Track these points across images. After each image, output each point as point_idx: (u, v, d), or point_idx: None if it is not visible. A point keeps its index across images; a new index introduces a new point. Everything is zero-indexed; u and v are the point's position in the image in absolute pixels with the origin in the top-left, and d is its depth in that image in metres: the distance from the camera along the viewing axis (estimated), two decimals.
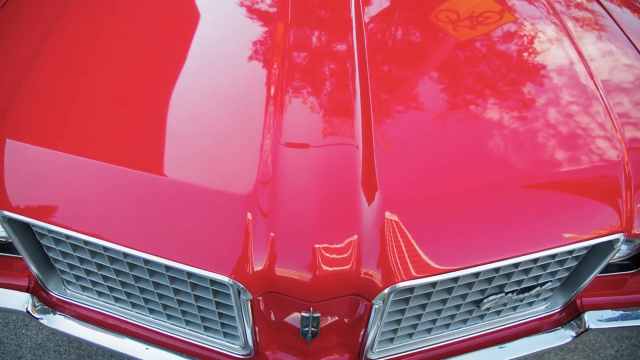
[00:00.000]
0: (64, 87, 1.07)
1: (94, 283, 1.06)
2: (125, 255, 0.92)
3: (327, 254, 0.85)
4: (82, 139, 0.96)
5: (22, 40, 1.19)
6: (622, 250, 1.12)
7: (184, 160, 0.93)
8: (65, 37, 1.18)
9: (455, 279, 0.94)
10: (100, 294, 1.09)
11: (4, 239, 1.12)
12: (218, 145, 0.97)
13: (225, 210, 0.88)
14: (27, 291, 1.11)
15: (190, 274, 0.91)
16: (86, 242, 0.94)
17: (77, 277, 1.07)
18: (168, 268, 0.92)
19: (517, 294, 1.04)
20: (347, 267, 0.86)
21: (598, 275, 1.08)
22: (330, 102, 1.03)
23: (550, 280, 1.05)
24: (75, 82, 1.08)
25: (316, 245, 0.85)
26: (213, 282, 0.91)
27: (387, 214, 0.88)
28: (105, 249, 0.93)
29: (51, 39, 1.17)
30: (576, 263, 1.05)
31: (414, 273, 0.87)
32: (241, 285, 0.85)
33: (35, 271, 1.07)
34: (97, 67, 1.12)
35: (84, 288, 1.10)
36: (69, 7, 1.26)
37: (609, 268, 1.17)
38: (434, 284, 0.93)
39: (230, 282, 0.85)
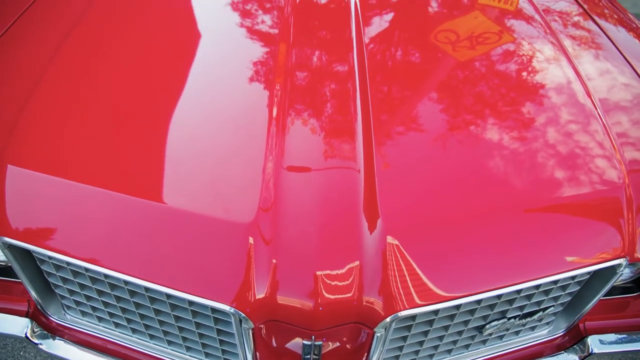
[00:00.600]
0: (66, 113, 1.07)
1: (94, 308, 1.06)
2: (126, 282, 0.92)
3: (329, 282, 0.85)
4: (83, 165, 0.96)
5: (24, 67, 1.19)
6: (625, 274, 1.12)
7: (185, 186, 0.93)
8: (66, 64, 1.19)
9: (458, 306, 0.93)
10: (100, 319, 1.09)
11: (3, 263, 1.11)
12: (220, 169, 0.97)
13: (227, 239, 0.87)
14: (26, 316, 1.10)
15: (191, 302, 0.91)
16: (87, 269, 0.93)
17: (78, 303, 1.07)
18: (169, 296, 0.91)
19: (519, 319, 1.04)
20: (349, 295, 0.85)
21: (601, 298, 1.08)
22: (332, 124, 1.04)
23: (553, 305, 1.05)
24: (77, 108, 1.08)
25: (318, 273, 0.85)
26: (214, 310, 0.90)
27: (389, 241, 0.88)
28: (106, 276, 0.92)
29: (53, 65, 1.17)
30: (579, 287, 1.04)
31: (416, 301, 0.87)
32: (243, 315, 0.85)
33: (35, 296, 1.06)
34: (99, 93, 1.12)
35: (84, 313, 1.10)
36: (70, 35, 1.27)
37: (612, 291, 1.16)
38: (436, 312, 0.92)
39: (232, 311, 0.85)
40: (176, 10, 1.48)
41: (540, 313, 1.04)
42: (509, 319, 1.02)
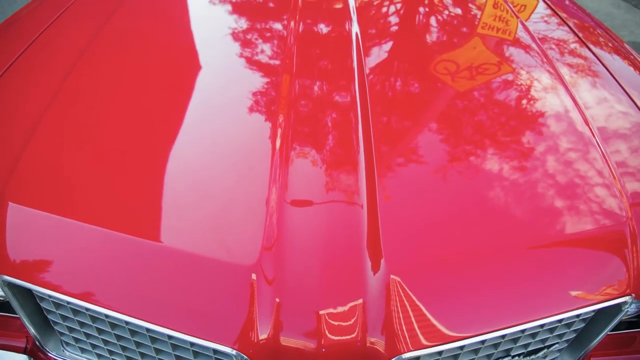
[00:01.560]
0: (68, 151, 1.07)
1: (93, 346, 1.04)
2: (127, 322, 0.91)
3: (333, 322, 0.84)
4: (85, 204, 0.96)
5: (26, 105, 1.20)
6: (631, 309, 1.11)
7: (187, 224, 0.93)
8: (68, 102, 1.20)
9: (462, 347, 0.92)
10: (99, 356, 1.07)
11: (1, 298, 1.10)
12: (223, 205, 0.96)
13: (230, 279, 0.87)
14: (24, 352, 1.09)
15: (193, 343, 0.89)
16: (87, 308, 0.92)
17: (77, 340, 1.05)
18: (171, 336, 0.90)
19: (523, 357, 1.02)
20: (352, 335, 0.84)
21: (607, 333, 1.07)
22: (334, 157, 1.04)
23: (557, 342, 1.04)
24: (78, 145, 1.08)
25: (321, 312, 0.84)
26: (216, 351, 0.89)
27: (392, 281, 0.87)
28: (107, 315, 0.91)
29: (55, 103, 1.18)
30: (584, 325, 1.03)
31: (420, 342, 0.86)
32: (245, 357, 0.84)
33: (34, 332, 1.05)
34: (100, 130, 1.12)
35: (83, 350, 1.08)
36: (71, 73, 1.28)
37: (618, 326, 1.15)
38: (439, 352, 0.91)
39: (234, 353, 0.84)
40: (178, 43, 1.49)
41: (545, 350, 1.03)
42: (513, 357, 1.01)
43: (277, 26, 1.58)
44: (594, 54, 1.57)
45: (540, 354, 1.03)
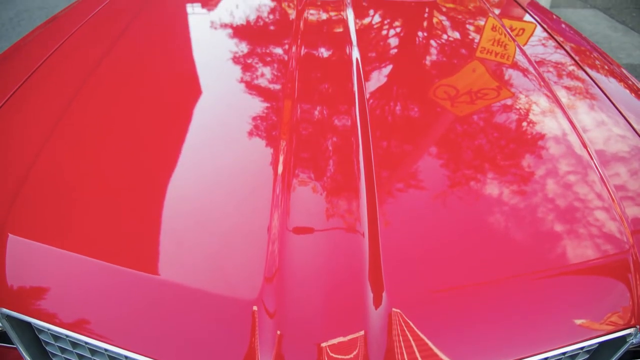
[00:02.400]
0: (67, 184, 1.07)
1: None
2: (126, 357, 0.90)
3: (334, 354, 0.83)
4: (85, 237, 0.96)
5: (26, 135, 1.20)
6: (636, 340, 1.10)
7: (188, 257, 0.92)
8: (68, 133, 1.20)
9: None
10: None
11: None
12: (223, 235, 0.96)
13: (230, 312, 0.86)
14: None
15: None
16: (86, 342, 0.91)
17: None
18: None
19: None
20: None
21: None
22: (335, 183, 1.04)
23: None
24: (78, 178, 1.08)
25: (323, 344, 0.83)
26: None
27: (394, 314, 0.87)
28: (106, 349, 0.90)
29: (55, 133, 1.18)
30: (588, 356, 1.02)
31: None
32: None
33: None
34: (100, 162, 1.12)
35: None
36: (72, 103, 1.29)
37: (624, 354, 1.14)
38: None
39: None
40: (180, 69, 1.50)
41: None
42: None
43: (279, 50, 1.60)
44: (590, 77, 1.58)
45: None
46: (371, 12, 1.99)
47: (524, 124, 1.32)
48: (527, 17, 2.06)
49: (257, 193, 1.03)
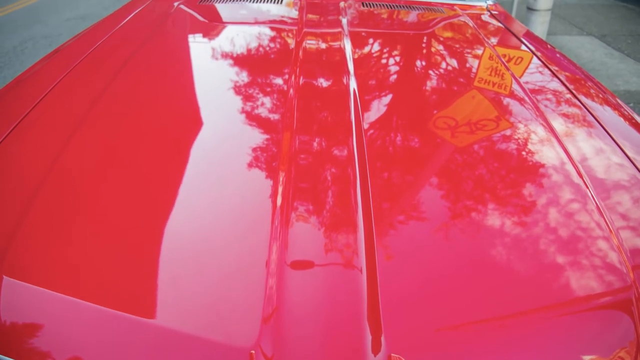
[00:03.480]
0: (65, 225, 1.05)
1: None
2: None
3: None
4: (81, 281, 0.94)
5: (23, 176, 1.19)
6: None
7: (184, 298, 0.90)
8: (66, 171, 1.19)
9: None
10: None
11: None
12: (221, 271, 0.94)
13: (227, 357, 0.84)
14: None
15: None
16: None
17: None
18: None
19: None
20: None
21: None
22: (333, 216, 1.02)
23: None
24: (76, 218, 1.07)
25: None
26: None
27: (393, 358, 0.85)
28: None
29: (52, 175, 1.17)
30: None
31: None
32: None
33: None
34: (100, 200, 1.11)
35: None
36: (70, 142, 1.28)
37: None
38: None
39: None
40: (180, 102, 1.51)
41: None
42: None
43: (279, 80, 1.61)
44: (585, 106, 1.59)
45: None
46: (369, 41, 2.02)
47: (520, 155, 1.31)
48: (523, 47, 2.09)
49: (256, 226, 1.02)
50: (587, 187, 1.19)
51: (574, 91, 1.69)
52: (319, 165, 1.15)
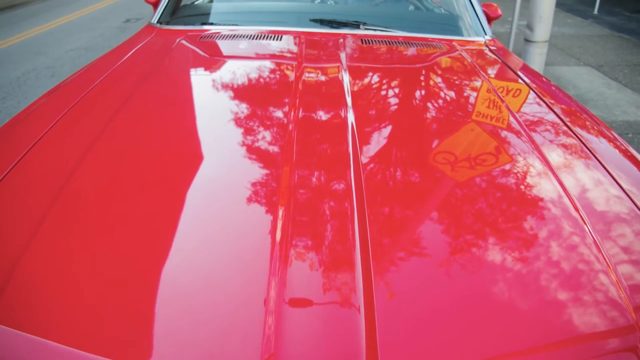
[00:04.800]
0: (60, 272, 1.03)
1: None
2: None
3: None
4: (75, 329, 0.92)
5: (18, 219, 1.18)
6: None
7: (180, 344, 0.88)
8: (62, 215, 1.18)
9: None
10: None
11: None
12: (218, 312, 0.92)
13: None
14: None
15: None
16: None
17: None
18: None
19: None
20: None
21: None
22: (331, 252, 1.01)
23: None
24: (70, 263, 1.05)
25: None
26: None
27: None
28: None
29: (47, 220, 1.16)
30: None
31: None
32: None
33: None
34: (93, 248, 1.09)
35: None
36: (68, 184, 1.27)
37: None
38: None
39: None
40: (181, 137, 1.51)
41: None
42: None
43: (279, 114, 1.63)
44: (580, 139, 1.60)
45: None
46: (367, 75, 2.05)
47: (518, 190, 1.31)
48: (520, 81, 2.11)
49: (256, 262, 1.01)
50: (584, 222, 1.19)
51: (569, 124, 1.70)
52: (318, 200, 1.15)
